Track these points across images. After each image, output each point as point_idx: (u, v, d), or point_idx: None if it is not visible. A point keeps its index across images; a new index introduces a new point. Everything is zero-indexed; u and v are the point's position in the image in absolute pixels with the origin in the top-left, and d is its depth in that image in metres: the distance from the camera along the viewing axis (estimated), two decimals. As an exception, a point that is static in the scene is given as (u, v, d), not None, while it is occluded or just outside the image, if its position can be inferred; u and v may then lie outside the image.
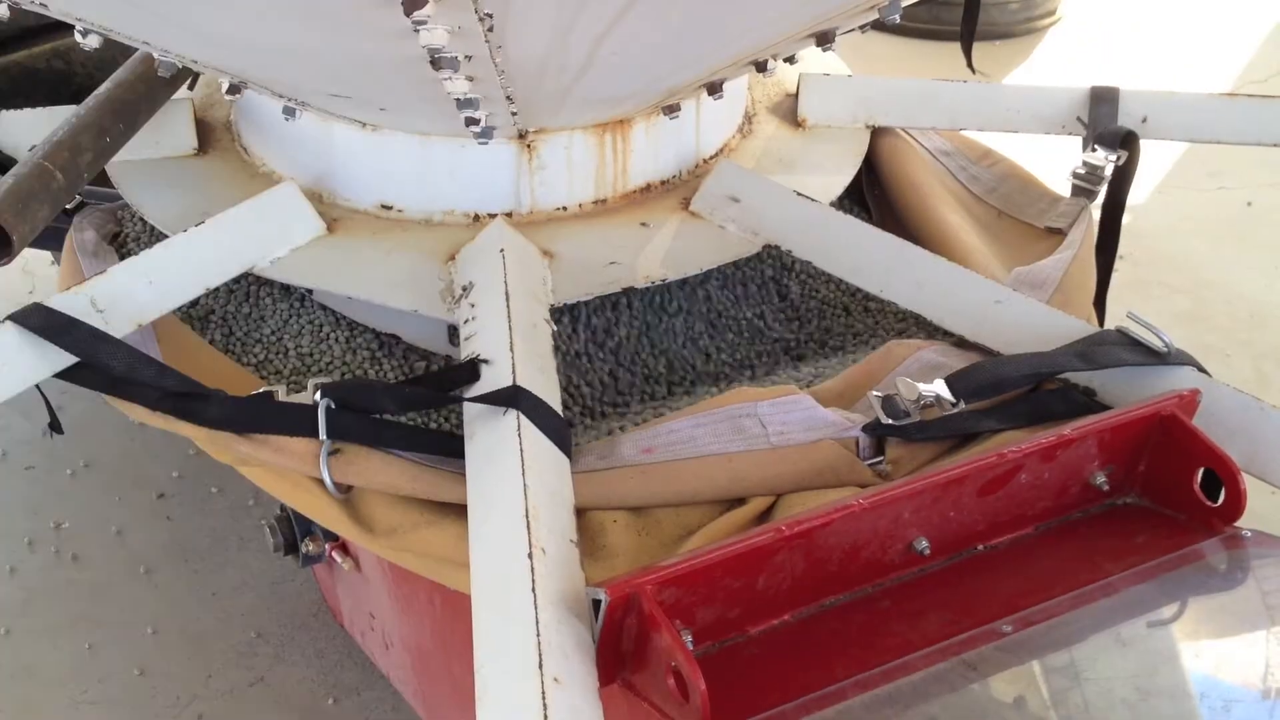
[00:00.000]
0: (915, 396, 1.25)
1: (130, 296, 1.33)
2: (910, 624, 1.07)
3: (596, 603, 0.98)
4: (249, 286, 1.55)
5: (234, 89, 1.53)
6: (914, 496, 1.10)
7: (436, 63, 1.16)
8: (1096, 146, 1.67)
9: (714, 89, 1.49)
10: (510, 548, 1.05)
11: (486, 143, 1.43)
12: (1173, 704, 1.02)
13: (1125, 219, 1.70)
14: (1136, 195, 1.81)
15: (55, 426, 1.51)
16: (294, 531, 1.52)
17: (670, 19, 1.22)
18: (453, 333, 1.41)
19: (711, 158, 1.65)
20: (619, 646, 1.00)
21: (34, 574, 2.08)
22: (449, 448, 1.23)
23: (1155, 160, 3.05)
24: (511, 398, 1.19)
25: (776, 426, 1.24)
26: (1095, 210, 1.69)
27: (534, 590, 1.00)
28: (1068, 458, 1.17)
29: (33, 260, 2.67)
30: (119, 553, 2.12)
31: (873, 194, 1.77)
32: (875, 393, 1.27)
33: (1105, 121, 1.69)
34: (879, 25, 1.47)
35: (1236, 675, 1.06)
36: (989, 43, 3.87)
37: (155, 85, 1.61)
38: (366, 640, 1.79)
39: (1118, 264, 1.73)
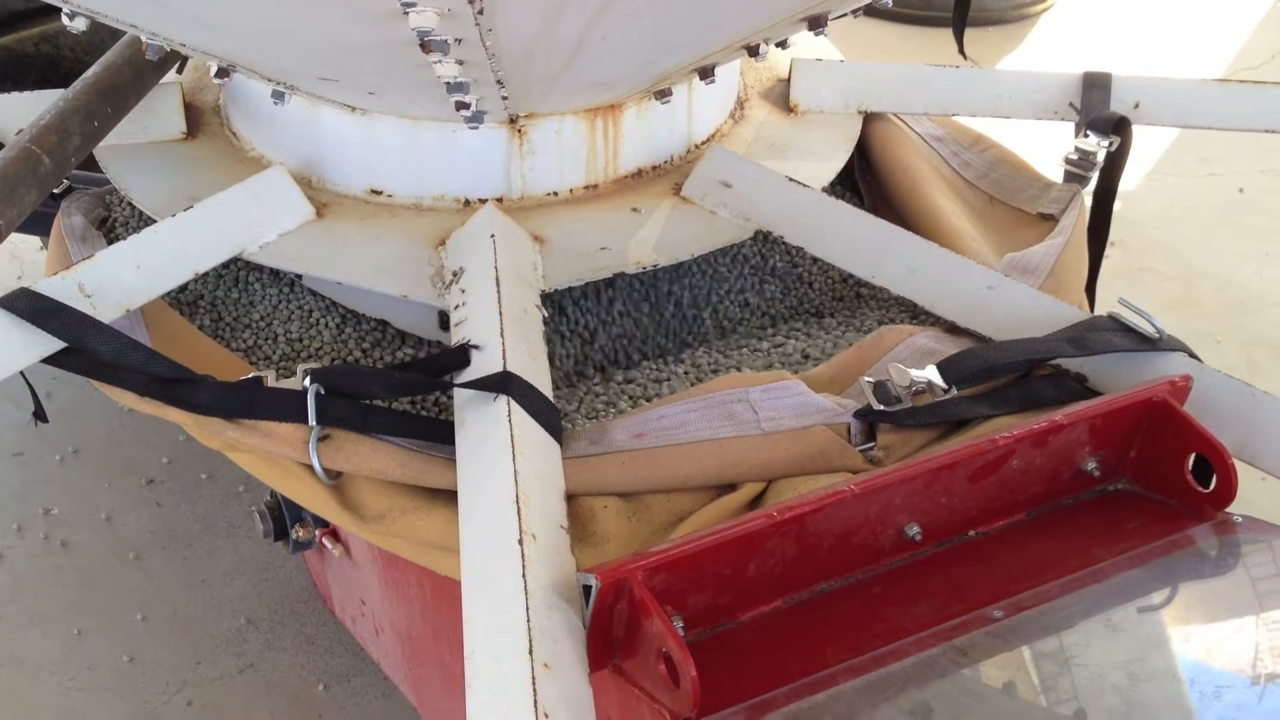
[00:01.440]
0: (907, 382, 1.25)
1: (118, 281, 1.32)
2: (901, 610, 1.07)
3: (587, 588, 0.98)
4: (238, 271, 1.55)
5: (223, 72, 1.52)
6: (905, 482, 1.10)
7: (426, 46, 1.15)
8: (1089, 132, 1.67)
9: (706, 73, 1.49)
10: (500, 533, 1.04)
11: (477, 127, 1.43)
12: (1163, 689, 1.02)
13: (1116, 206, 1.70)
14: (1127, 182, 1.81)
15: (40, 415, 1.50)
16: (284, 518, 1.51)
17: (662, 1, 1.21)
18: (443, 318, 1.41)
19: (703, 143, 1.64)
20: (610, 632, 1.00)
21: (23, 560, 2.08)
22: (439, 433, 1.22)
23: (1147, 147, 3.05)
24: (502, 383, 1.18)
25: (768, 412, 1.24)
26: (1087, 196, 1.69)
27: (524, 576, 0.99)
28: (1059, 443, 1.17)
29: (20, 245, 2.67)
30: (108, 539, 2.12)
31: (865, 179, 1.77)
32: (867, 378, 1.27)
33: (1098, 107, 1.69)
34: (871, 10, 1.47)
35: (1227, 660, 1.06)
36: (981, 29, 3.87)
37: (143, 69, 1.60)
38: (357, 626, 1.79)
39: (1109, 250, 1.73)
